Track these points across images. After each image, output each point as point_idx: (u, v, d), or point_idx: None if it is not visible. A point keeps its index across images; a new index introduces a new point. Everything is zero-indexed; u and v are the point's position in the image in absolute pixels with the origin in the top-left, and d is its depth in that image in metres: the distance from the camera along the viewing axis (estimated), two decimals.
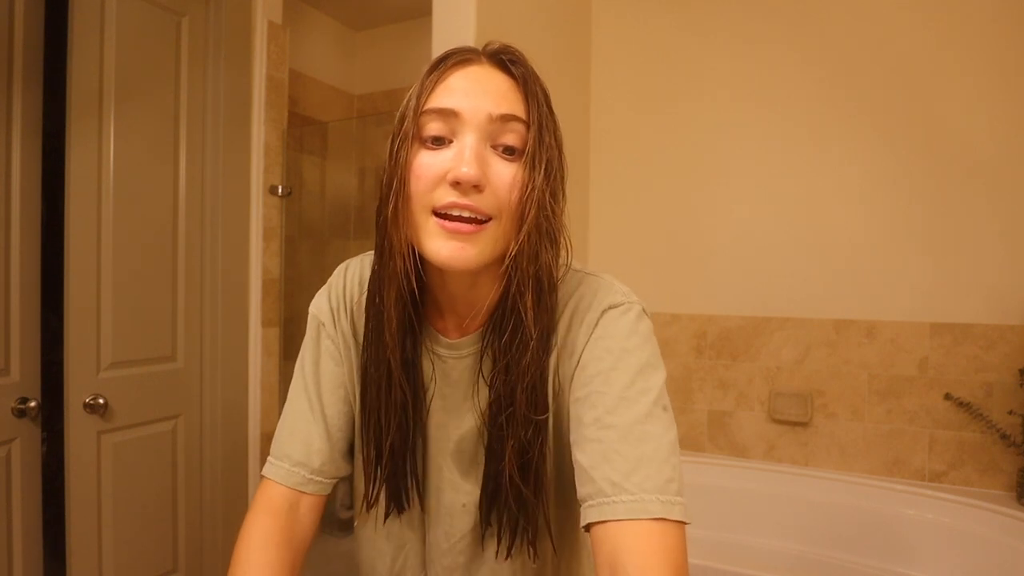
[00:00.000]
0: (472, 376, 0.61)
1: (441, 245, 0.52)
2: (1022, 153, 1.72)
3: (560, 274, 0.59)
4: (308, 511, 0.63)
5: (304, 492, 0.62)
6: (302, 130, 2.41)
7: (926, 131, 1.82)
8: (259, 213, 1.85)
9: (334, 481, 0.65)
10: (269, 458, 0.64)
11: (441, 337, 0.62)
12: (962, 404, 1.76)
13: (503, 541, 0.59)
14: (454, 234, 0.52)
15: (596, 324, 0.57)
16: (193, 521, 1.70)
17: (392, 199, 0.54)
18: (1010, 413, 1.68)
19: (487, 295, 0.58)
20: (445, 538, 0.64)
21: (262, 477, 0.64)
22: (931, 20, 1.81)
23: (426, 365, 0.62)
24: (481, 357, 0.59)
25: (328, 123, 2.64)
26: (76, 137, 1.41)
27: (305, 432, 0.63)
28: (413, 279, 0.55)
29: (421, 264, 0.57)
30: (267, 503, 0.61)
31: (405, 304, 0.57)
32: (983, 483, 1.74)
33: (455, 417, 0.62)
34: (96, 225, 1.45)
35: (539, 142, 0.54)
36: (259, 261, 1.86)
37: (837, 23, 1.93)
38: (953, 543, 1.65)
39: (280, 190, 1.91)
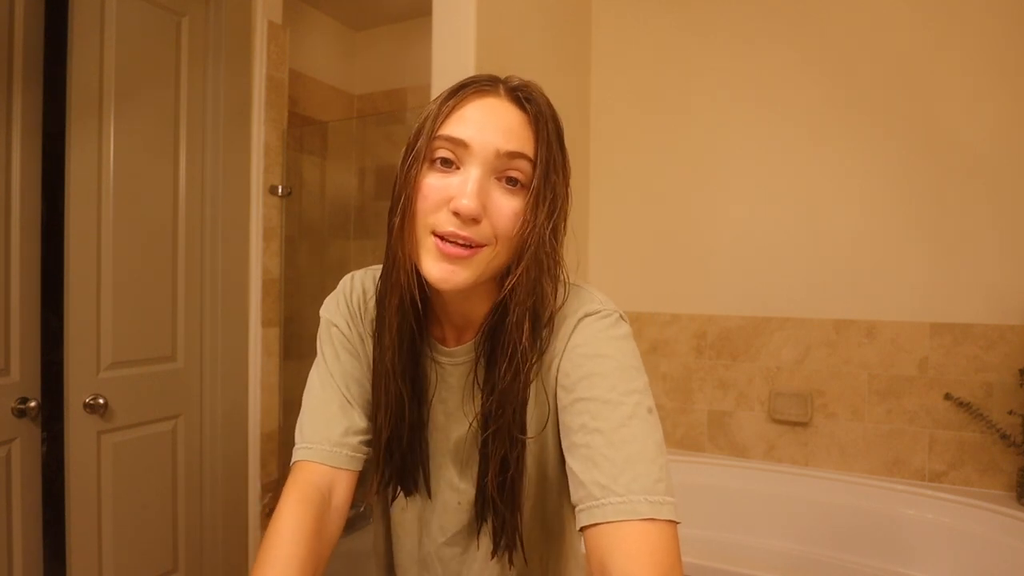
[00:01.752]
0: (467, 382, 0.64)
1: (434, 265, 0.55)
2: (1022, 153, 1.72)
3: (556, 308, 0.60)
4: (343, 493, 0.63)
5: (342, 469, 0.63)
6: (302, 130, 2.41)
7: (926, 131, 1.82)
8: (259, 213, 1.85)
9: (366, 457, 0.66)
10: (300, 445, 0.64)
11: (439, 345, 0.65)
12: (962, 404, 1.76)
13: (494, 538, 0.62)
14: (448, 256, 0.54)
15: (572, 332, 0.59)
16: (193, 521, 1.70)
17: (400, 214, 0.57)
18: (1010, 413, 1.68)
19: (480, 309, 0.62)
20: (441, 531, 0.67)
21: (293, 464, 0.64)
22: (931, 20, 1.81)
23: (428, 370, 0.65)
24: (475, 366, 0.62)
25: (328, 123, 2.64)
26: (76, 137, 1.40)
27: (343, 416, 0.64)
28: (416, 292, 0.58)
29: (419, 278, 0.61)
30: (301, 490, 0.60)
31: (406, 312, 0.60)
32: (983, 483, 1.74)
33: (453, 420, 0.65)
34: (96, 225, 1.45)
35: (544, 180, 0.56)
36: (259, 261, 1.86)
37: (837, 23, 1.93)
38: (953, 543, 1.65)
39: (280, 190, 1.91)
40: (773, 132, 2.01)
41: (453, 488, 0.66)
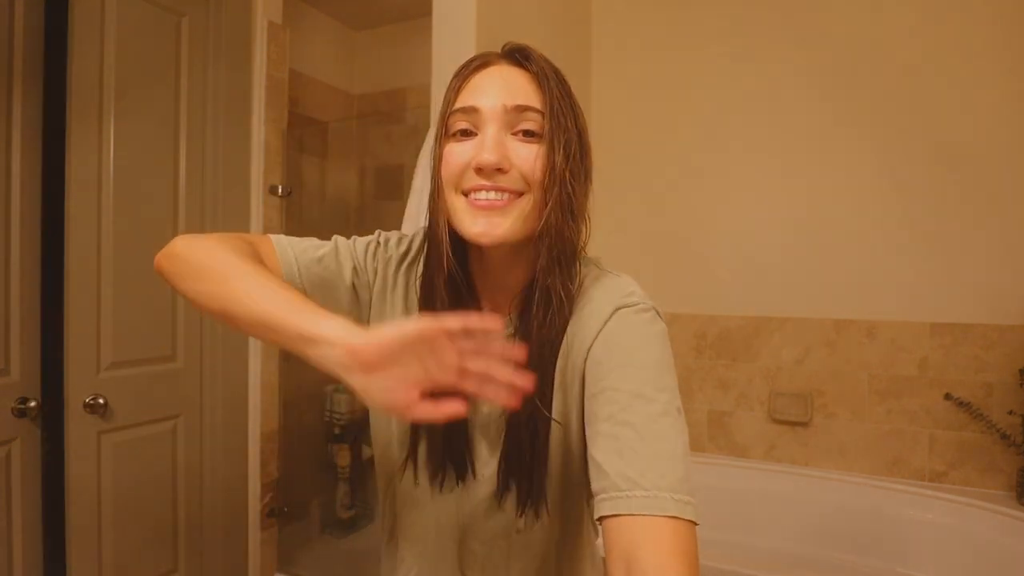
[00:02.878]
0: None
1: (472, 223, 0.57)
2: (1022, 153, 1.72)
3: (582, 246, 0.62)
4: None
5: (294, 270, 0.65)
6: (302, 130, 2.41)
7: (926, 131, 1.82)
8: (259, 213, 1.85)
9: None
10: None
11: None
12: (962, 404, 1.76)
13: (519, 501, 0.62)
14: (484, 210, 0.57)
15: (608, 320, 0.59)
16: (193, 521, 1.69)
17: (432, 193, 0.61)
18: (1010, 413, 1.68)
19: (520, 279, 0.63)
20: (459, 506, 0.67)
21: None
22: (932, 20, 1.81)
23: None
24: (514, 338, 0.62)
25: (328, 123, 2.64)
26: (76, 137, 1.40)
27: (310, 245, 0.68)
28: (445, 257, 0.60)
29: (461, 250, 0.63)
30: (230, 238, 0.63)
31: (453, 287, 0.62)
32: (983, 483, 1.74)
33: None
34: (96, 225, 1.45)
35: (555, 125, 0.58)
36: None
37: (838, 22, 1.93)
38: (953, 543, 1.65)
39: (280, 190, 1.91)
40: (773, 132, 2.01)
41: (481, 461, 0.66)
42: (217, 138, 1.72)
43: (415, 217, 1.48)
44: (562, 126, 0.58)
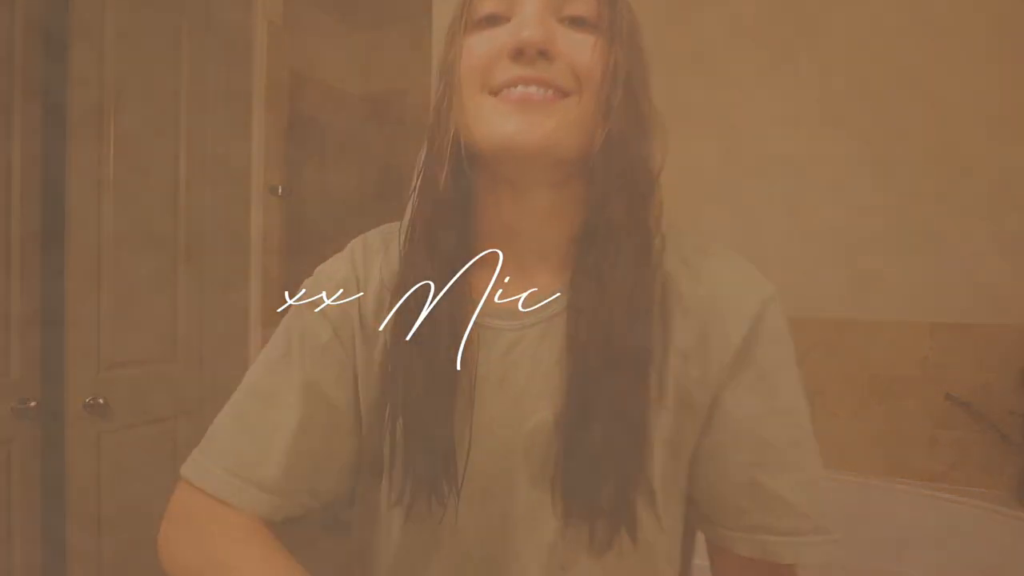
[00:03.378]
0: (541, 350, 0.46)
1: (504, 121, 0.41)
2: (1022, 152, 1.72)
3: (657, 173, 0.47)
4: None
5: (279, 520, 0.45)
6: (302, 130, 2.41)
7: (926, 129, 1.82)
8: (259, 213, 1.85)
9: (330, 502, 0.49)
10: (206, 464, 0.47)
11: (493, 301, 0.48)
12: (962, 404, 1.75)
13: (594, 537, 0.44)
14: (522, 105, 0.41)
15: (761, 317, 0.48)
16: None
17: (440, 102, 0.45)
18: (1010, 413, 1.68)
19: (564, 227, 0.46)
20: (485, 550, 0.48)
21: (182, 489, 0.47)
22: (932, 18, 1.81)
23: (471, 337, 0.46)
24: (567, 315, 0.45)
25: (328, 123, 2.64)
26: (76, 136, 1.40)
27: (299, 444, 0.46)
28: (443, 183, 0.44)
29: (465, 191, 0.47)
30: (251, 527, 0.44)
31: (450, 246, 0.46)
32: (983, 483, 1.74)
33: (518, 406, 0.46)
34: (96, 225, 1.45)
35: (614, 15, 0.44)
36: (259, 261, 1.85)
37: (839, 19, 1.93)
38: (953, 543, 1.65)
39: (280, 190, 1.90)
40: (772, 131, 2.01)
41: (518, 502, 0.46)
42: (217, 138, 1.72)
43: None
44: (623, 17, 0.45)
